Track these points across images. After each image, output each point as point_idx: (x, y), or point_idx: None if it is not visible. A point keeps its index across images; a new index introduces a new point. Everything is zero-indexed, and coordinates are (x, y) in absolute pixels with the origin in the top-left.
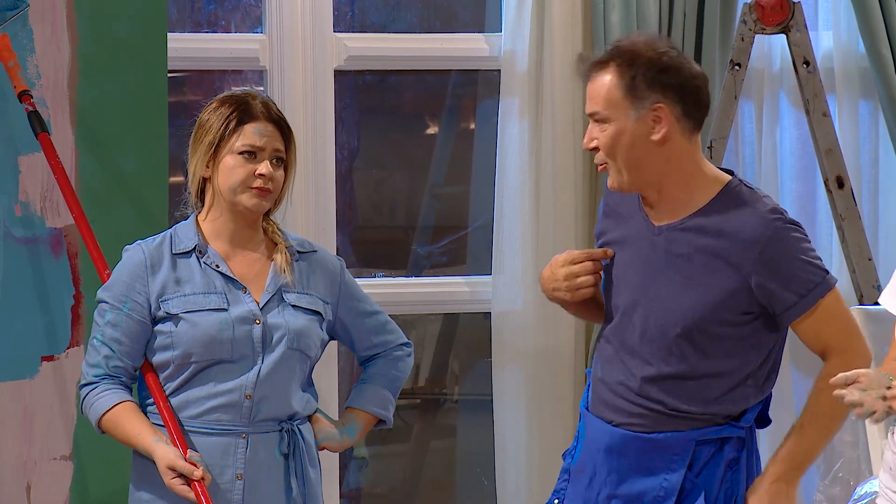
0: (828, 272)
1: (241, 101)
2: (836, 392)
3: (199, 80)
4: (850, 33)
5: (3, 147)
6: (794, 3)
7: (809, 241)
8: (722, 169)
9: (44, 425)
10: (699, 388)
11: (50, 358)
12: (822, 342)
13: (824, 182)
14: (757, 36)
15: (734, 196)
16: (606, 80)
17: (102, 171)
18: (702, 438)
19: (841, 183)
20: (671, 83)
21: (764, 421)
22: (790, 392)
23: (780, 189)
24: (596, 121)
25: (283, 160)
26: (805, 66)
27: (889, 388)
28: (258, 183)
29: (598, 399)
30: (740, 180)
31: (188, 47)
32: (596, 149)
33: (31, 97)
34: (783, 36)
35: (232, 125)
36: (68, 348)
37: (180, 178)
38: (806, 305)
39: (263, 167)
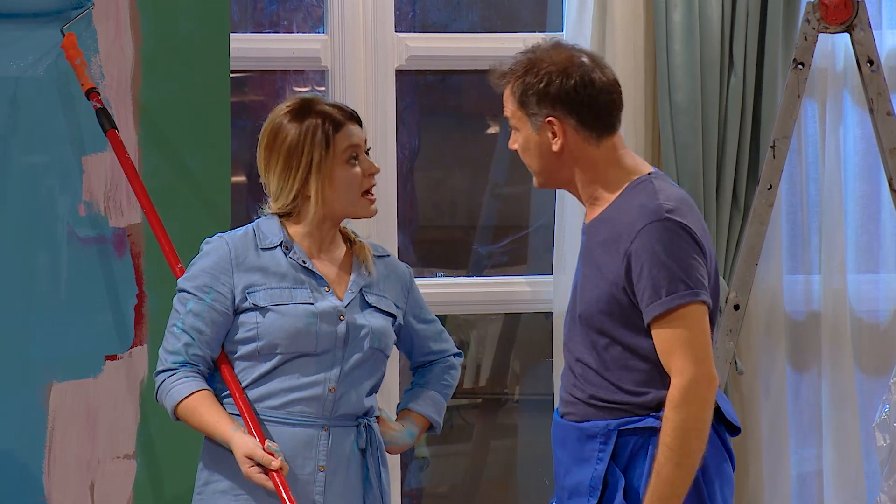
0: (692, 287)
1: (322, 113)
2: None
3: (261, 81)
4: None
5: (67, 147)
6: (857, 1)
7: (693, 247)
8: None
9: (107, 424)
10: (615, 376)
11: (113, 357)
12: (665, 357)
13: (888, 181)
14: (820, 35)
15: (636, 189)
16: (507, 93)
17: (165, 170)
18: (624, 428)
19: None
20: (559, 96)
21: (732, 428)
22: (853, 393)
23: (844, 188)
24: (511, 127)
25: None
26: (869, 64)
27: None
28: (370, 184)
29: (559, 398)
30: (652, 176)
31: (250, 47)
32: (517, 151)
33: (99, 94)
34: (846, 35)
35: (330, 137)
36: (131, 347)
37: (242, 178)
38: (655, 310)
39: (371, 165)
